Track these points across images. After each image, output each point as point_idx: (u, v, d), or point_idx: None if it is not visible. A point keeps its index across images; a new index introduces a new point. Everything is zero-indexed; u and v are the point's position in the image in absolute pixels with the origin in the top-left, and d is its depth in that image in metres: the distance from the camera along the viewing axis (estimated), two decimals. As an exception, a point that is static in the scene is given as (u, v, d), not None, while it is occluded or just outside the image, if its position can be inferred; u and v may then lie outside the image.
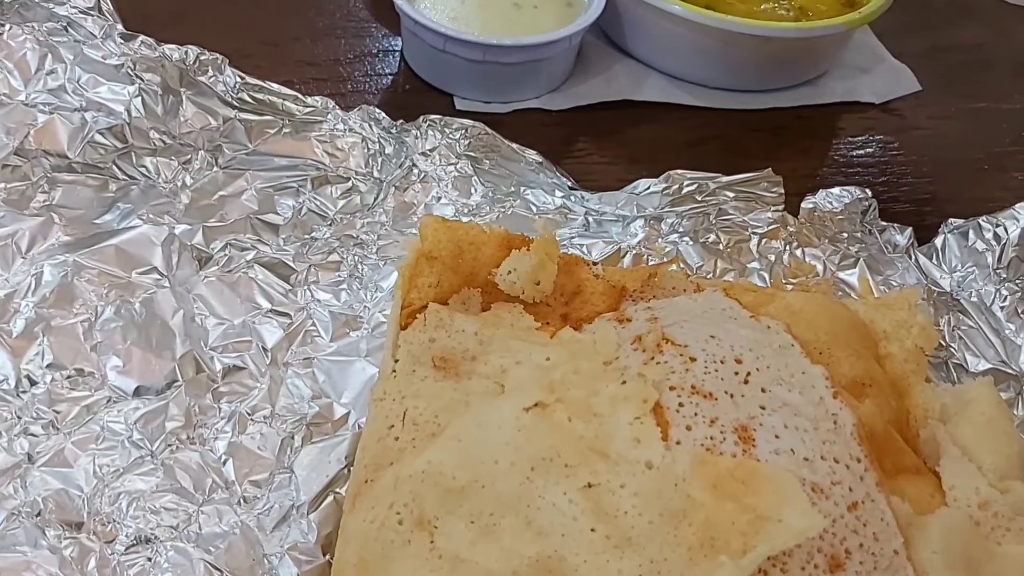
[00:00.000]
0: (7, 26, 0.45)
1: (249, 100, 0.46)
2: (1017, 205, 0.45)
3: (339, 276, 0.44)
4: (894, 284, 0.45)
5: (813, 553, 0.31)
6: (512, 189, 0.48)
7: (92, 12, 0.46)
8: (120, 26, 0.47)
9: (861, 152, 0.56)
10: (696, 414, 0.33)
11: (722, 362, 0.35)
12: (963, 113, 0.60)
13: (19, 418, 0.35)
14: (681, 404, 0.34)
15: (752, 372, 0.35)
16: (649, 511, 0.31)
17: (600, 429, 0.33)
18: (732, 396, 0.34)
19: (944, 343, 0.43)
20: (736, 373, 0.35)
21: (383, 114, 0.50)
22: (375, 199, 0.46)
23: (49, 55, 0.44)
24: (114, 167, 0.43)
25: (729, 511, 0.30)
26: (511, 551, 0.31)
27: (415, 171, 0.48)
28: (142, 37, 0.46)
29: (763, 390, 0.35)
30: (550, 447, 0.32)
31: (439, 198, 0.47)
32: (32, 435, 0.35)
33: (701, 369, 0.35)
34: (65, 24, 0.45)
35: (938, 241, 0.46)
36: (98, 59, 0.45)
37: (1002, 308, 0.44)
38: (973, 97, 0.61)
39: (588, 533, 0.31)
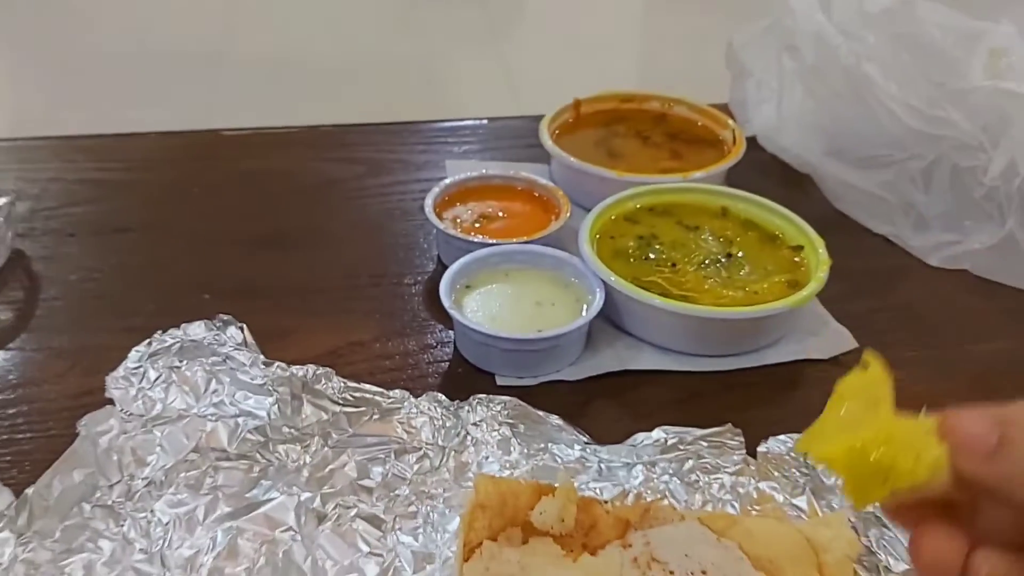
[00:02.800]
0: (184, 362, 0.64)
1: (349, 398, 0.64)
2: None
3: (417, 523, 0.58)
4: (834, 506, 0.60)
5: None
6: (542, 446, 0.64)
7: (242, 347, 0.65)
8: (262, 356, 0.66)
9: (813, 397, 0.72)
10: (673, 612, 0.48)
11: (692, 573, 0.50)
12: (897, 361, 0.76)
13: (205, 640, 0.51)
14: (662, 605, 0.48)
15: (714, 580, 0.50)
16: None
17: (606, 625, 0.47)
18: (699, 598, 0.49)
19: (872, 550, 0.57)
20: (702, 581, 0.50)
21: (444, 396, 0.66)
22: (440, 462, 0.62)
23: (213, 380, 0.62)
24: (257, 455, 0.60)
25: None
26: None
27: (469, 438, 0.64)
28: (277, 363, 0.64)
29: (721, 593, 0.49)
30: (573, 639, 0.47)
31: (487, 457, 0.63)
32: (214, 652, 0.50)
33: (677, 579, 0.50)
34: (224, 357, 0.64)
35: (865, 470, 0.61)
36: (247, 380, 0.62)
37: (914, 521, 0.58)
38: (906, 347, 0.78)
39: None
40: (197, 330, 0.66)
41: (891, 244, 0.89)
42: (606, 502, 0.58)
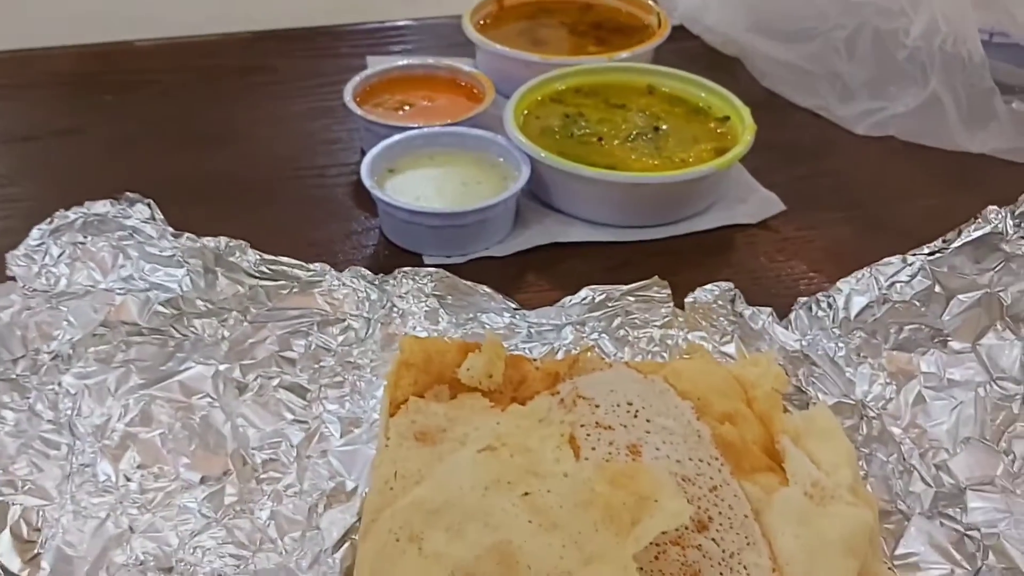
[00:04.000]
0: (89, 238, 0.61)
1: (267, 271, 0.61)
2: (839, 282, 0.60)
3: (343, 392, 0.57)
4: (762, 350, 0.60)
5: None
6: (470, 315, 0.63)
7: (149, 221, 0.62)
8: (170, 229, 0.63)
9: (742, 260, 0.72)
10: (599, 439, 0.47)
11: (618, 405, 0.49)
12: (826, 222, 0.76)
13: (121, 504, 0.48)
14: (588, 435, 0.47)
15: (639, 410, 0.49)
16: (567, 503, 0.43)
17: (532, 457, 0.46)
18: (625, 427, 0.48)
19: (803, 387, 0.57)
20: (628, 411, 0.49)
21: (368, 271, 0.65)
22: (366, 334, 0.61)
23: (120, 254, 0.60)
24: (171, 329, 0.57)
25: (621, 496, 0.43)
26: (475, 543, 0.43)
27: (395, 310, 0.62)
28: (187, 234, 0.62)
29: (647, 420, 0.48)
30: (498, 473, 0.45)
31: (414, 327, 0.61)
32: (131, 515, 0.48)
33: (603, 412, 0.49)
34: (130, 231, 0.61)
35: (792, 315, 0.61)
36: (156, 253, 0.60)
37: (841, 357, 0.58)
38: (835, 210, 0.77)
39: (527, 524, 0.43)
40: (102, 207, 0.63)
41: (818, 117, 0.89)
42: (535, 360, 0.57)
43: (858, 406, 0.55)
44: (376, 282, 0.64)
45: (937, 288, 0.57)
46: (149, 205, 0.64)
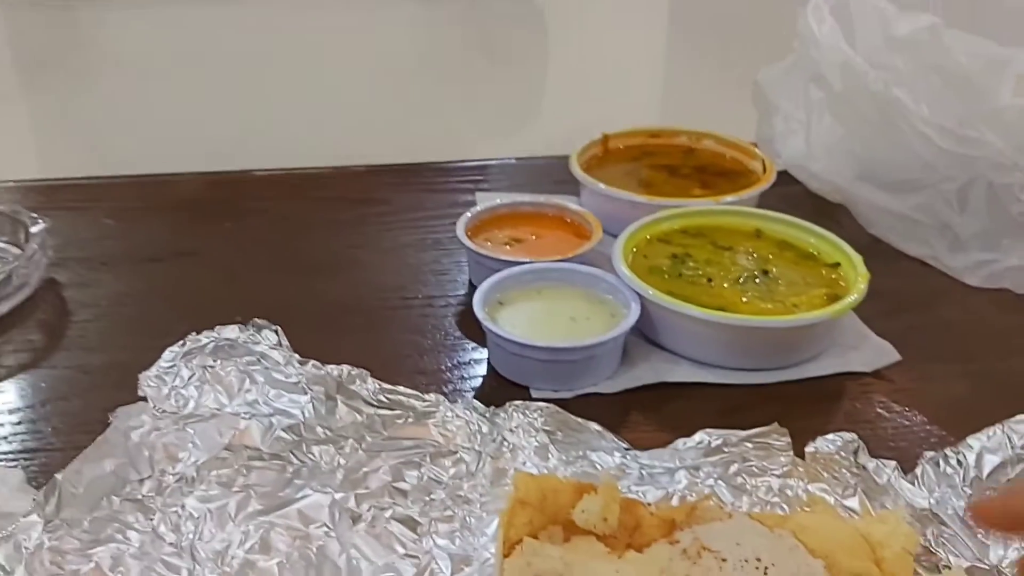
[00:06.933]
0: (218, 362, 0.63)
1: (384, 400, 0.62)
2: (968, 438, 0.58)
3: (453, 527, 0.56)
4: (887, 506, 0.57)
5: None
6: (580, 453, 0.62)
7: (277, 348, 0.64)
8: (296, 356, 0.65)
9: (858, 409, 0.70)
10: (729, 597, 0.45)
11: (746, 560, 0.48)
12: (938, 376, 0.74)
13: (238, 631, 0.48)
14: (716, 591, 0.46)
15: (769, 567, 0.47)
16: (698, 664, 0.42)
17: (658, 612, 0.45)
18: (755, 584, 0.46)
19: (932, 549, 0.54)
20: (757, 568, 0.47)
21: (480, 403, 0.65)
22: (477, 467, 0.61)
23: (247, 379, 0.62)
24: (291, 455, 0.58)
25: (756, 660, 0.42)
26: None
27: (505, 444, 0.62)
28: (312, 361, 0.64)
29: (778, 579, 0.47)
30: (623, 627, 0.44)
31: (524, 463, 0.61)
32: (246, 643, 0.48)
33: (731, 566, 0.47)
34: (259, 357, 0.63)
35: (918, 470, 0.59)
36: (282, 379, 0.62)
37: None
38: (946, 363, 0.75)
39: None
40: (231, 332, 0.65)
41: (927, 266, 0.88)
42: (650, 504, 0.56)
43: (993, 571, 0.52)
44: (488, 414, 0.64)
45: (1077, 451, 0.55)
46: (276, 332, 0.66)
